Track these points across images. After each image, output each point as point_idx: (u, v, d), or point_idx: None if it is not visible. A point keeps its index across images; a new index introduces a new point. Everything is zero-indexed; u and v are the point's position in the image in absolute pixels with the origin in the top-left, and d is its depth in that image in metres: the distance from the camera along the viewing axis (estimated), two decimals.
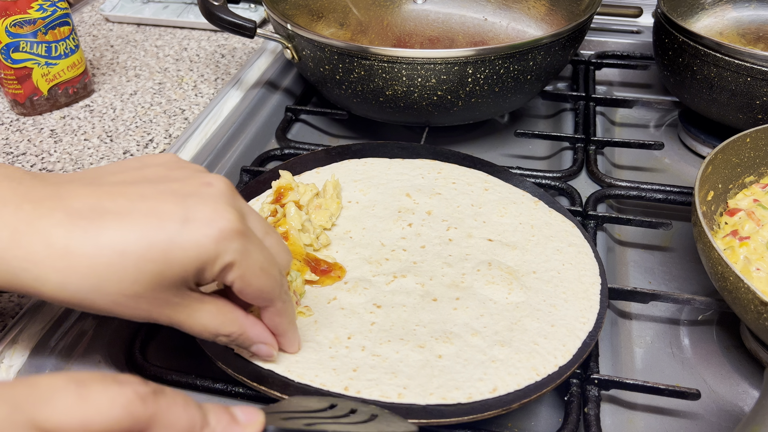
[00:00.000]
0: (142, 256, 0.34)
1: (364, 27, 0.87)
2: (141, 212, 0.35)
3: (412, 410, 0.44)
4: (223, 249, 0.36)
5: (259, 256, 0.38)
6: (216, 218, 0.36)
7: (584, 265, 0.56)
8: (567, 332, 0.49)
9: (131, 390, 0.26)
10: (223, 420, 0.29)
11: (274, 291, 0.40)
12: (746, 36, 0.83)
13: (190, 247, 0.35)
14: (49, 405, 0.23)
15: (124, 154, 0.71)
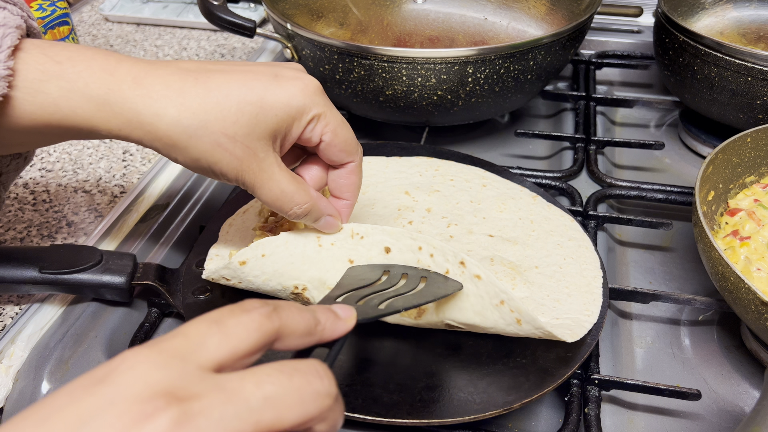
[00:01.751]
0: (243, 98, 0.41)
1: (364, 27, 0.87)
2: (240, 71, 0.42)
3: (413, 410, 0.44)
4: (310, 101, 0.43)
5: (338, 114, 0.45)
6: (302, 77, 0.43)
7: (585, 259, 0.56)
8: (572, 323, 0.49)
9: (257, 314, 0.30)
10: (330, 317, 0.34)
11: (353, 144, 0.46)
12: (747, 36, 0.83)
13: (282, 96, 0.42)
14: (205, 348, 0.28)
15: (123, 154, 0.71)
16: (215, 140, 0.41)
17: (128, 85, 0.40)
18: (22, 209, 0.63)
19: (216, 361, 0.28)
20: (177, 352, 0.27)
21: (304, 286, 0.50)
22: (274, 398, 0.27)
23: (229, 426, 0.25)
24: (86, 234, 0.60)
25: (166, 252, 0.64)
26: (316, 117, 0.43)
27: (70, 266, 0.53)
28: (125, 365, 0.26)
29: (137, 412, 0.25)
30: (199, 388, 0.26)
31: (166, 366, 0.26)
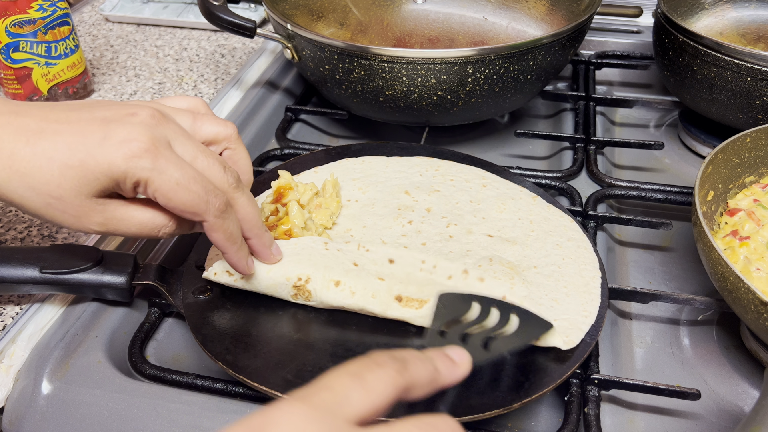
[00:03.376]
0: (65, 162, 0.42)
1: (364, 27, 0.87)
2: (71, 131, 0.43)
3: (413, 410, 0.44)
4: (132, 165, 0.42)
5: (174, 173, 0.43)
6: (129, 140, 0.42)
7: (584, 260, 0.56)
8: (569, 326, 0.49)
9: (392, 370, 0.32)
10: (447, 364, 0.36)
11: (198, 206, 0.44)
12: (746, 36, 0.83)
13: (103, 161, 0.42)
14: (349, 403, 0.30)
15: None
16: (45, 201, 0.43)
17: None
18: None
19: (359, 415, 0.30)
20: (326, 406, 0.29)
21: (307, 276, 0.50)
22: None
23: None
24: (86, 234, 0.61)
25: (166, 252, 0.64)
26: (141, 182, 0.43)
27: (71, 266, 0.53)
28: (281, 419, 0.28)
29: None
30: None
31: (318, 420, 0.28)
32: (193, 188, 0.43)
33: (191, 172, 0.43)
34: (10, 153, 0.42)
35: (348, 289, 0.50)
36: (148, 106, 0.45)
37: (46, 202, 0.43)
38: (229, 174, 0.46)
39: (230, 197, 0.46)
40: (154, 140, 0.42)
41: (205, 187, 0.44)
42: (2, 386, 0.50)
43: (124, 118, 0.43)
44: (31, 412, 0.48)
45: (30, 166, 0.42)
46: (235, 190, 0.47)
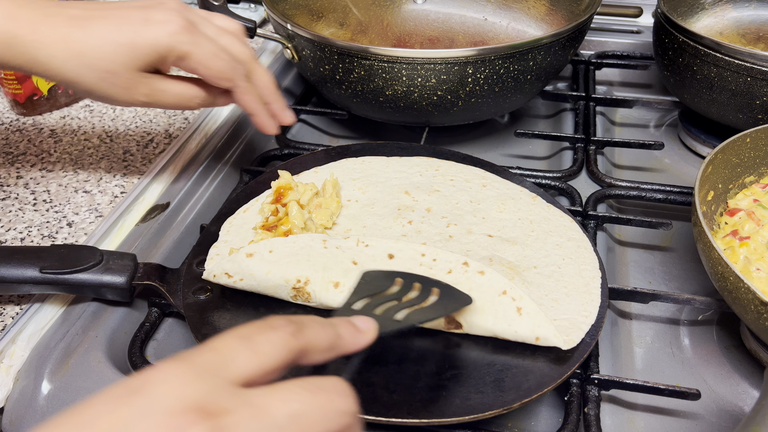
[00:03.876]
0: (116, 41, 0.50)
1: (364, 27, 0.87)
2: (115, 16, 0.51)
3: (413, 410, 0.44)
4: (174, 40, 0.50)
5: (209, 46, 0.52)
6: (168, 21, 0.51)
7: (584, 260, 0.56)
8: (570, 325, 0.49)
9: (284, 332, 0.31)
10: (350, 331, 0.36)
11: (229, 72, 0.53)
12: (746, 36, 0.83)
13: (150, 38, 0.50)
14: (235, 364, 0.29)
15: (124, 154, 0.71)
16: (99, 76, 0.50)
17: (26, 31, 0.49)
18: (23, 209, 0.63)
19: (245, 377, 0.29)
20: (208, 366, 0.29)
21: (306, 278, 0.50)
22: (299, 415, 0.28)
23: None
24: (87, 234, 0.61)
25: (166, 252, 0.64)
26: (181, 56, 0.51)
27: (71, 266, 0.53)
28: (159, 378, 0.27)
29: (170, 425, 0.26)
30: (228, 403, 0.27)
31: (197, 380, 0.28)
32: (224, 57, 0.52)
33: (218, 47, 0.52)
34: (65, 36, 0.49)
35: (347, 290, 0.50)
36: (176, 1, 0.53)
37: (100, 77, 0.50)
38: (247, 47, 0.56)
39: (250, 67, 0.56)
40: (188, 21, 0.51)
41: (231, 58, 0.53)
42: (2, 386, 0.50)
43: (157, 5, 0.52)
44: (31, 412, 0.48)
45: (85, 46, 0.49)
46: (254, 60, 0.56)
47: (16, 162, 0.70)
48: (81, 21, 0.50)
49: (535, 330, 0.48)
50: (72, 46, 0.49)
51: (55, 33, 0.49)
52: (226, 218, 0.60)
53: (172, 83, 0.54)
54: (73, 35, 0.49)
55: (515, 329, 0.48)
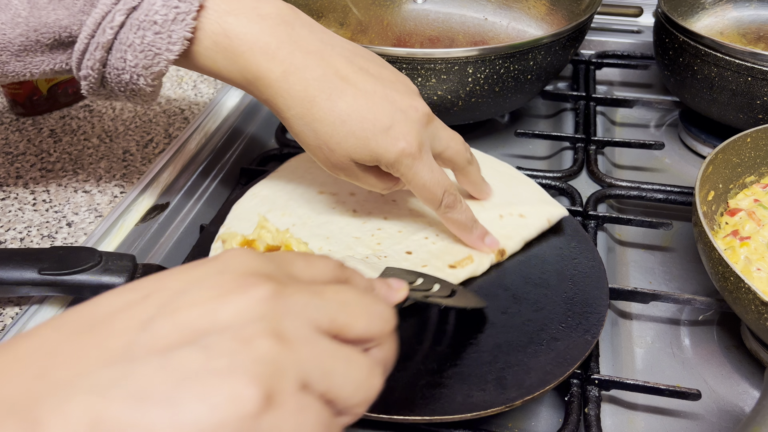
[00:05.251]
0: (352, 132, 0.49)
1: (364, 27, 0.87)
2: (367, 105, 0.49)
3: (414, 407, 0.44)
4: (399, 161, 0.50)
5: (425, 176, 0.51)
6: (404, 139, 0.49)
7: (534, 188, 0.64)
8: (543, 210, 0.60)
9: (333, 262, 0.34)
10: (384, 286, 0.38)
11: (433, 202, 0.53)
12: (747, 36, 0.83)
13: (380, 149, 0.49)
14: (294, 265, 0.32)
15: (124, 154, 0.71)
16: (318, 145, 0.50)
17: (276, 76, 0.49)
18: (22, 209, 0.63)
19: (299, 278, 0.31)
20: (274, 259, 0.31)
21: None
22: (349, 305, 0.30)
23: (311, 312, 0.28)
24: (86, 234, 0.60)
25: (165, 252, 0.64)
26: (398, 173, 0.51)
27: (70, 267, 0.53)
28: (231, 253, 0.30)
29: (242, 280, 0.28)
30: (290, 282, 0.30)
31: (266, 262, 0.30)
32: (433, 189, 0.52)
33: (437, 177, 0.52)
34: (312, 99, 0.49)
35: None
36: (420, 99, 0.52)
37: (318, 146, 0.51)
38: (468, 151, 0.56)
39: (464, 170, 0.57)
40: (421, 144, 0.50)
41: (443, 188, 0.52)
42: None
43: (408, 111, 0.50)
44: None
45: (324, 117, 0.49)
46: (470, 164, 0.57)
47: (16, 162, 0.70)
48: (333, 89, 0.49)
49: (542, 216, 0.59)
50: (312, 111, 0.49)
51: (303, 90, 0.49)
52: (226, 218, 0.60)
53: (370, 177, 0.53)
54: (318, 101, 0.49)
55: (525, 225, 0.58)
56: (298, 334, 0.27)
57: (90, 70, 0.50)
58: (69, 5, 0.49)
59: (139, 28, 0.48)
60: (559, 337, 0.49)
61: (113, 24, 0.48)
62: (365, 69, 0.51)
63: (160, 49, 0.48)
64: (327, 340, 0.28)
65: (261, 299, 0.28)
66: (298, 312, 0.28)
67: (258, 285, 0.28)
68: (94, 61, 0.50)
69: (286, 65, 0.49)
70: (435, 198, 0.52)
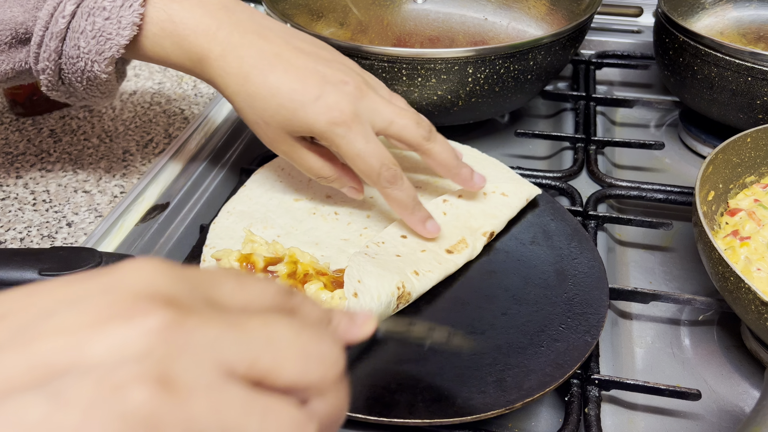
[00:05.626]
0: (282, 104, 0.51)
1: (364, 27, 0.87)
2: (296, 77, 0.51)
3: (414, 410, 0.44)
4: (331, 130, 0.50)
5: (359, 146, 0.51)
6: (335, 108, 0.50)
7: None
8: (518, 187, 0.62)
9: (276, 286, 0.28)
10: (344, 320, 0.32)
11: (370, 176, 0.52)
12: (747, 36, 0.83)
13: (310, 117, 0.51)
14: (219, 287, 0.26)
15: (123, 154, 0.71)
16: (255, 120, 0.53)
17: (215, 55, 0.52)
18: (22, 209, 0.63)
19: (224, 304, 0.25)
20: (191, 277, 0.25)
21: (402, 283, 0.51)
22: (278, 343, 0.24)
23: (222, 352, 0.22)
24: (86, 234, 0.60)
25: (166, 252, 0.64)
26: (332, 144, 0.52)
27: (70, 268, 0.53)
28: (133, 265, 0.24)
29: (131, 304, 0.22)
30: (202, 310, 0.24)
31: (175, 281, 0.24)
32: (369, 161, 0.51)
33: (372, 148, 0.51)
34: (246, 75, 0.52)
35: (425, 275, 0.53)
36: (358, 76, 0.53)
37: (255, 121, 0.53)
38: (422, 127, 0.54)
39: (423, 149, 0.54)
40: (355, 114, 0.51)
41: (380, 160, 0.52)
42: None
43: (339, 84, 0.51)
44: None
45: (257, 92, 0.52)
46: (428, 140, 0.54)
47: (16, 162, 0.70)
48: (266, 64, 0.51)
49: (522, 196, 0.61)
50: (246, 86, 0.52)
51: (238, 67, 0.52)
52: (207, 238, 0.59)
53: (311, 156, 0.55)
54: (252, 76, 0.51)
55: (508, 205, 0.60)
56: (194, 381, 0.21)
57: (47, 62, 0.53)
58: (23, 2, 0.52)
59: (89, 15, 0.51)
60: (559, 339, 0.49)
61: (65, 13, 0.51)
62: (301, 48, 0.53)
63: (111, 34, 0.51)
64: (239, 389, 0.22)
65: (150, 331, 0.21)
66: (201, 350, 0.22)
67: (150, 312, 0.22)
68: (50, 52, 0.52)
69: (225, 45, 0.52)
70: (371, 170, 0.52)
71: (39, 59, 0.53)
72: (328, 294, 0.49)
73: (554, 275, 0.55)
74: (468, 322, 0.51)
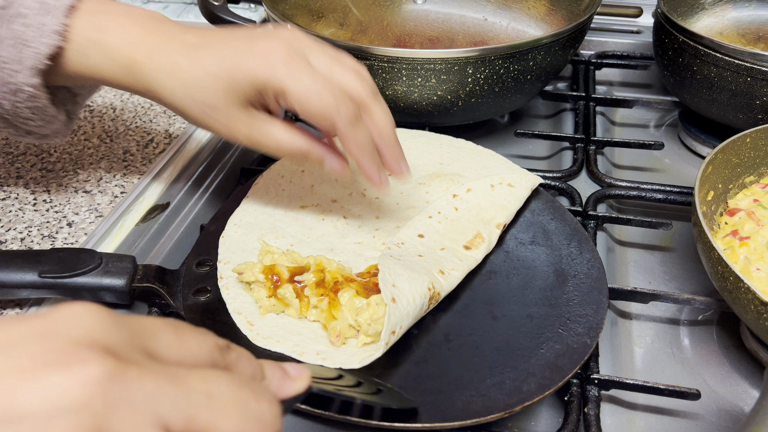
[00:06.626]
0: (216, 74, 0.48)
1: (364, 27, 0.87)
2: (221, 45, 0.49)
3: (416, 414, 0.44)
4: (271, 73, 0.47)
5: (307, 81, 0.47)
6: (269, 51, 0.47)
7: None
8: (519, 176, 0.64)
9: (213, 342, 0.28)
10: (278, 374, 0.31)
11: (329, 113, 0.47)
12: (746, 36, 0.83)
13: (247, 70, 0.47)
14: (156, 340, 0.25)
15: (124, 154, 0.71)
16: (202, 109, 0.49)
17: (144, 59, 0.50)
18: (23, 209, 0.63)
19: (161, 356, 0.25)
20: (129, 325, 0.25)
21: (431, 284, 0.51)
22: (217, 400, 0.24)
23: (160, 406, 0.22)
24: (86, 234, 0.61)
25: (166, 252, 0.64)
26: (279, 91, 0.47)
27: (70, 270, 0.53)
28: (72, 310, 0.23)
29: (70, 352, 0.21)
30: (141, 361, 0.23)
31: (114, 329, 0.23)
32: (323, 95, 0.47)
33: (323, 82, 0.47)
34: (175, 65, 0.49)
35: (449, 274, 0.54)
36: (290, 29, 0.51)
37: (202, 111, 0.49)
38: (366, 84, 0.50)
39: (365, 106, 0.49)
40: (291, 52, 0.47)
41: (336, 96, 0.47)
42: None
43: (267, 35, 0.49)
44: None
45: (190, 77, 0.48)
46: (371, 98, 0.50)
47: (16, 162, 0.70)
48: (191, 50, 0.49)
49: (527, 186, 0.62)
50: (179, 75, 0.49)
51: (167, 61, 0.49)
52: (226, 218, 0.60)
53: (274, 126, 0.50)
54: (181, 64, 0.49)
55: (516, 196, 0.61)
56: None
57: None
58: None
59: (8, 21, 0.49)
60: (558, 341, 0.49)
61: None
62: (226, 31, 0.51)
63: (29, 42, 0.48)
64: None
65: (88, 381, 0.21)
66: (139, 403, 0.21)
67: (89, 361, 0.21)
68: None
69: (152, 46, 0.50)
70: (329, 106, 0.47)
71: None
72: (362, 301, 0.48)
73: (554, 276, 0.55)
74: (468, 324, 0.51)
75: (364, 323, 0.47)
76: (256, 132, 0.49)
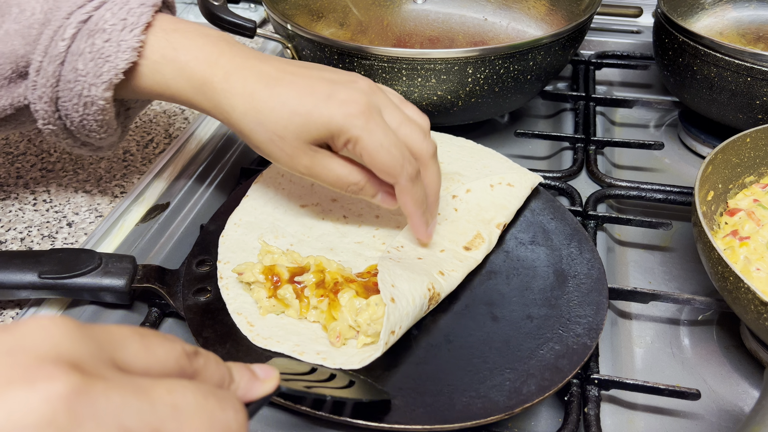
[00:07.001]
0: (294, 109, 0.50)
1: (364, 27, 0.87)
2: (303, 84, 0.51)
3: (414, 415, 0.44)
4: (348, 123, 0.48)
5: (380, 136, 0.49)
6: (349, 101, 0.49)
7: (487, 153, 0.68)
8: (520, 176, 0.64)
9: (180, 348, 0.28)
10: (246, 376, 0.32)
11: (395, 168, 0.49)
12: (746, 36, 0.83)
13: (326, 115, 0.49)
14: (123, 349, 0.26)
15: (124, 154, 0.71)
16: (269, 137, 0.51)
17: (219, 79, 0.51)
18: (23, 209, 0.63)
19: (129, 367, 0.26)
20: (96, 337, 0.25)
21: (431, 284, 0.51)
22: (183, 411, 0.24)
23: (126, 419, 0.22)
24: (86, 234, 0.61)
25: (166, 252, 0.64)
26: (351, 140, 0.49)
27: (70, 270, 0.53)
28: (38, 324, 0.23)
29: (35, 368, 0.21)
30: (107, 374, 0.24)
31: (81, 342, 0.24)
32: (393, 152, 0.49)
33: (394, 139, 0.49)
34: (251, 92, 0.51)
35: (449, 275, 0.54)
36: (366, 77, 0.52)
37: (269, 138, 0.51)
38: (429, 143, 0.52)
39: (425, 164, 0.52)
40: (369, 105, 0.49)
41: (403, 153, 0.49)
42: None
43: (347, 83, 0.51)
44: None
45: (265, 106, 0.50)
46: (431, 158, 0.52)
47: (16, 162, 0.70)
48: (270, 80, 0.51)
49: (527, 185, 0.62)
50: (254, 103, 0.50)
51: (243, 86, 0.51)
52: (226, 217, 0.60)
53: (335, 162, 0.52)
54: (258, 92, 0.50)
55: (516, 196, 0.62)
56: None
57: (44, 88, 0.51)
58: (25, 34, 0.50)
59: (89, 36, 0.50)
60: (558, 342, 0.49)
61: (65, 36, 0.50)
62: (302, 67, 0.53)
63: (109, 57, 0.50)
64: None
65: (53, 397, 0.21)
66: (105, 417, 0.22)
67: (55, 377, 0.21)
68: (47, 77, 0.50)
69: (227, 69, 0.51)
70: (395, 162, 0.49)
71: (36, 86, 0.51)
72: (362, 301, 0.48)
73: (554, 276, 0.55)
74: (468, 325, 0.51)
75: (364, 323, 0.47)
76: (318, 166, 0.51)
